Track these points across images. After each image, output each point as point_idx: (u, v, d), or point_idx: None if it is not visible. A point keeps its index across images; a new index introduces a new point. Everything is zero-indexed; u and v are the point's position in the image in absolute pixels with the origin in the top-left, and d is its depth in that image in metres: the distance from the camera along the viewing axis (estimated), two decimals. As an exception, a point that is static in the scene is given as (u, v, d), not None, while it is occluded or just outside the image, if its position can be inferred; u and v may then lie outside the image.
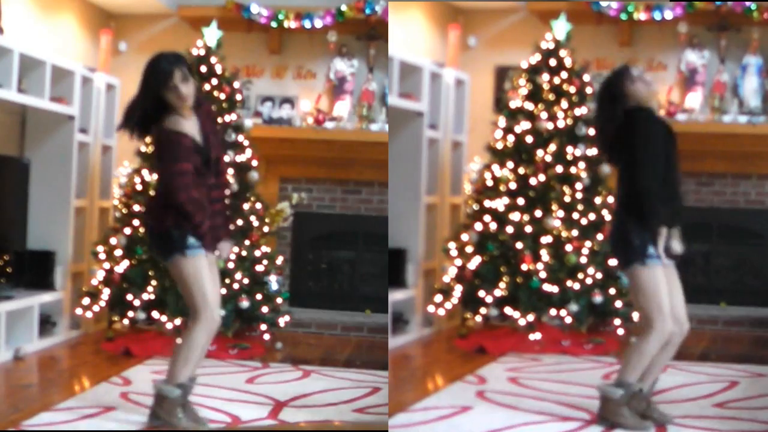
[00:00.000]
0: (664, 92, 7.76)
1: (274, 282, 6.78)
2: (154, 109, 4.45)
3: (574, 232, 6.69)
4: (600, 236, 6.68)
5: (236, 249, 6.59)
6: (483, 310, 6.71)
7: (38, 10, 7.00)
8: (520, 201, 6.76)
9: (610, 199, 6.75)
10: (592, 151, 6.74)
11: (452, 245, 6.89)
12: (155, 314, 6.40)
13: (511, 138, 6.90)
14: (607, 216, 6.71)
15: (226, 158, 6.66)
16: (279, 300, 6.75)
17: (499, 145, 6.94)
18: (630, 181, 4.57)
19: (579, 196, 6.75)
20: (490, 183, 6.90)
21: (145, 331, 6.49)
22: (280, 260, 7.01)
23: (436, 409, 4.93)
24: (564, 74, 6.90)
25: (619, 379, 4.64)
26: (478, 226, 6.82)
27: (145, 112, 4.45)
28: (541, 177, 6.76)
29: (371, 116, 7.70)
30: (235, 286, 6.52)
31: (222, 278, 6.45)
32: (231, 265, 6.53)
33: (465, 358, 6.30)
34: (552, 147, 6.79)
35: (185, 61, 4.51)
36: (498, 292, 6.66)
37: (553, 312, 6.60)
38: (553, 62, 6.93)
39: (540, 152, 6.80)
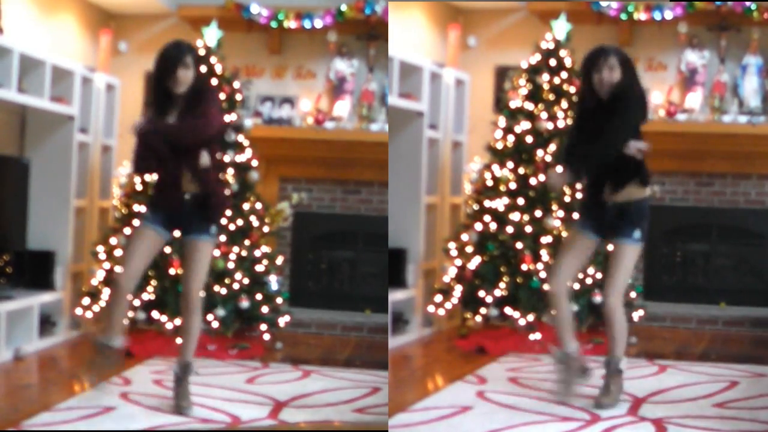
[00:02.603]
0: (664, 92, 7.77)
1: (274, 282, 6.78)
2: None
3: (574, 232, 6.69)
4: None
5: (236, 249, 6.60)
6: (483, 310, 6.71)
7: (38, 10, 7.00)
8: (520, 201, 6.77)
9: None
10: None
11: (452, 245, 6.89)
12: (155, 314, 6.41)
13: (511, 138, 6.90)
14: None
15: (226, 158, 6.68)
16: (279, 300, 6.75)
17: (499, 145, 6.95)
18: None
19: (579, 196, 6.75)
20: (490, 183, 6.90)
21: (145, 331, 6.49)
22: (280, 260, 7.01)
23: (436, 409, 4.93)
24: (564, 74, 6.91)
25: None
26: (478, 226, 6.82)
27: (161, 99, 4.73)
28: (541, 177, 6.76)
29: (371, 116, 7.70)
30: (235, 286, 6.52)
31: (222, 278, 6.48)
32: (231, 265, 6.54)
33: (465, 358, 6.30)
34: (552, 147, 6.79)
35: (189, 49, 4.72)
36: (498, 292, 6.66)
37: (553, 312, 6.59)
38: (553, 62, 6.93)
39: (540, 152, 6.80)
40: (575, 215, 5.07)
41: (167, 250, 6.21)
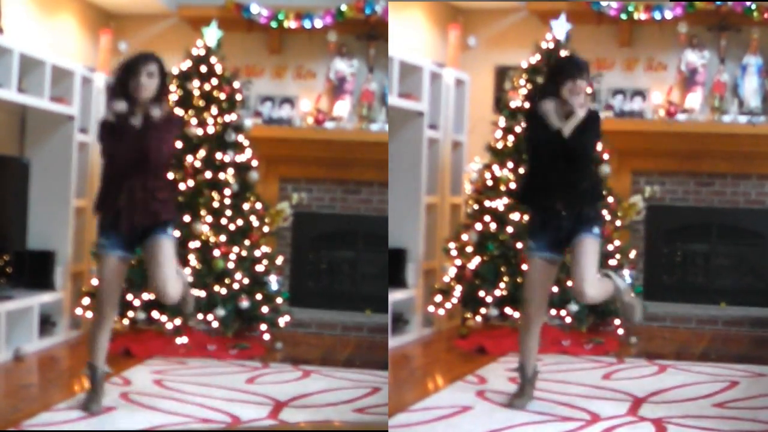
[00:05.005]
0: (664, 92, 7.77)
1: (274, 282, 6.78)
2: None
3: (574, 232, 6.69)
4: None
5: (236, 249, 6.60)
6: (483, 310, 6.71)
7: (38, 10, 7.00)
8: (520, 201, 6.76)
9: (610, 199, 6.78)
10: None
11: (452, 245, 6.90)
12: (155, 314, 6.40)
13: (511, 138, 6.90)
14: (607, 216, 6.72)
15: (226, 158, 6.68)
16: (279, 300, 6.75)
17: (499, 145, 6.95)
18: None
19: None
20: (490, 183, 6.90)
21: (145, 331, 6.48)
22: (280, 260, 7.01)
23: (436, 409, 4.93)
24: (564, 74, 6.89)
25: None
26: (478, 226, 6.82)
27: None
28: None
29: (371, 116, 7.70)
30: (235, 286, 6.52)
31: (222, 278, 6.47)
32: (231, 265, 6.54)
33: (465, 358, 6.30)
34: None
35: (157, 60, 4.71)
36: (498, 292, 6.66)
37: (553, 312, 6.60)
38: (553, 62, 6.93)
39: (540, 152, 6.79)
40: (531, 244, 4.86)
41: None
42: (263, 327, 6.64)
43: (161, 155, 4.68)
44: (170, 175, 5.07)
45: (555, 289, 6.55)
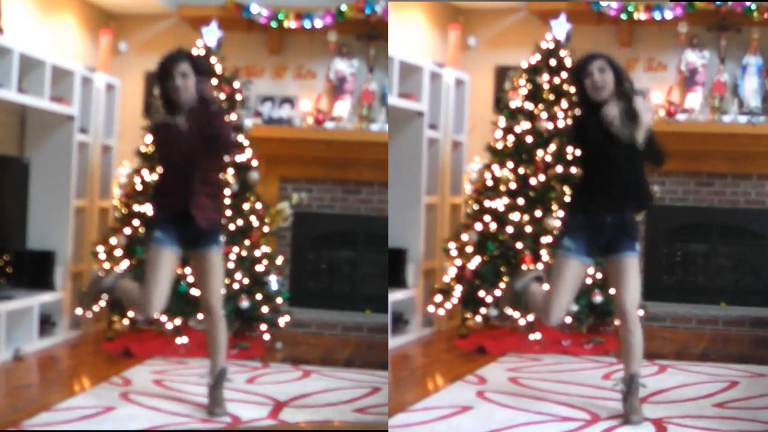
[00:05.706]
0: (664, 92, 7.76)
1: (274, 282, 6.78)
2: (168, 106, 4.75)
3: (574, 232, 6.69)
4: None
5: (236, 249, 6.60)
6: (483, 310, 6.71)
7: (38, 10, 7.00)
8: (520, 201, 6.77)
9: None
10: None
11: (452, 245, 6.89)
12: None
13: (511, 138, 6.90)
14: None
15: (226, 157, 6.67)
16: (279, 300, 6.76)
17: (499, 145, 6.94)
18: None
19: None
20: (490, 183, 6.90)
21: (145, 331, 6.49)
22: (280, 260, 7.01)
23: (436, 409, 4.93)
24: (564, 74, 6.91)
25: None
26: (478, 226, 6.82)
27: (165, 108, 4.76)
28: (541, 177, 6.76)
29: (371, 116, 7.70)
30: (235, 286, 6.53)
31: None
32: (231, 265, 6.54)
33: (465, 358, 6.30)
34: (552, 147, 6.79)
35: (187, 57, 4.72)
36: (498, 292, 6.66)
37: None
38: (553, 62, 6.93)
39: (540, 152, 6.80)
40: (566, 242, 4.71)
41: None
42: (263, 327, 6.64)
43: (216, 150, 4.74)
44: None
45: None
